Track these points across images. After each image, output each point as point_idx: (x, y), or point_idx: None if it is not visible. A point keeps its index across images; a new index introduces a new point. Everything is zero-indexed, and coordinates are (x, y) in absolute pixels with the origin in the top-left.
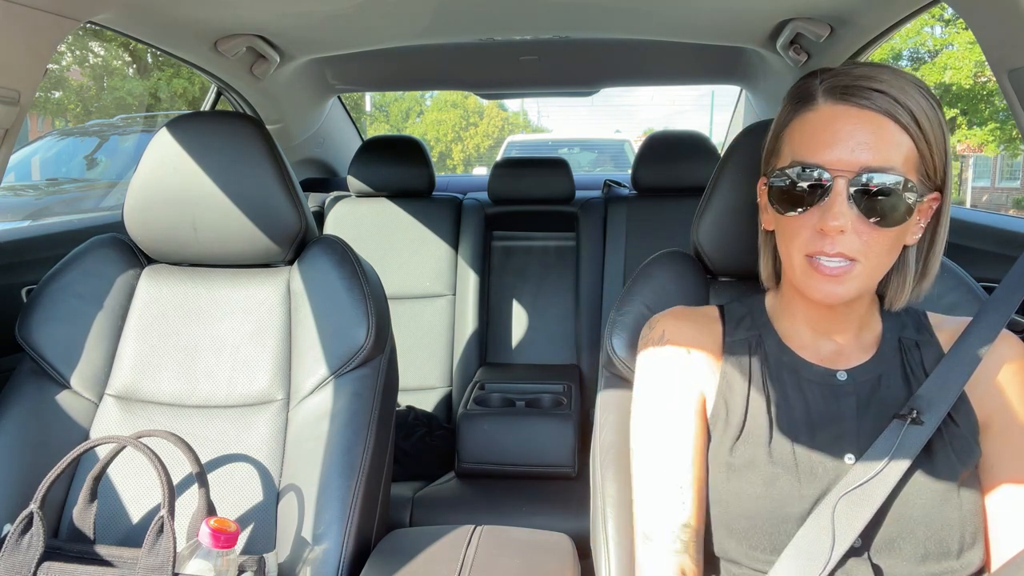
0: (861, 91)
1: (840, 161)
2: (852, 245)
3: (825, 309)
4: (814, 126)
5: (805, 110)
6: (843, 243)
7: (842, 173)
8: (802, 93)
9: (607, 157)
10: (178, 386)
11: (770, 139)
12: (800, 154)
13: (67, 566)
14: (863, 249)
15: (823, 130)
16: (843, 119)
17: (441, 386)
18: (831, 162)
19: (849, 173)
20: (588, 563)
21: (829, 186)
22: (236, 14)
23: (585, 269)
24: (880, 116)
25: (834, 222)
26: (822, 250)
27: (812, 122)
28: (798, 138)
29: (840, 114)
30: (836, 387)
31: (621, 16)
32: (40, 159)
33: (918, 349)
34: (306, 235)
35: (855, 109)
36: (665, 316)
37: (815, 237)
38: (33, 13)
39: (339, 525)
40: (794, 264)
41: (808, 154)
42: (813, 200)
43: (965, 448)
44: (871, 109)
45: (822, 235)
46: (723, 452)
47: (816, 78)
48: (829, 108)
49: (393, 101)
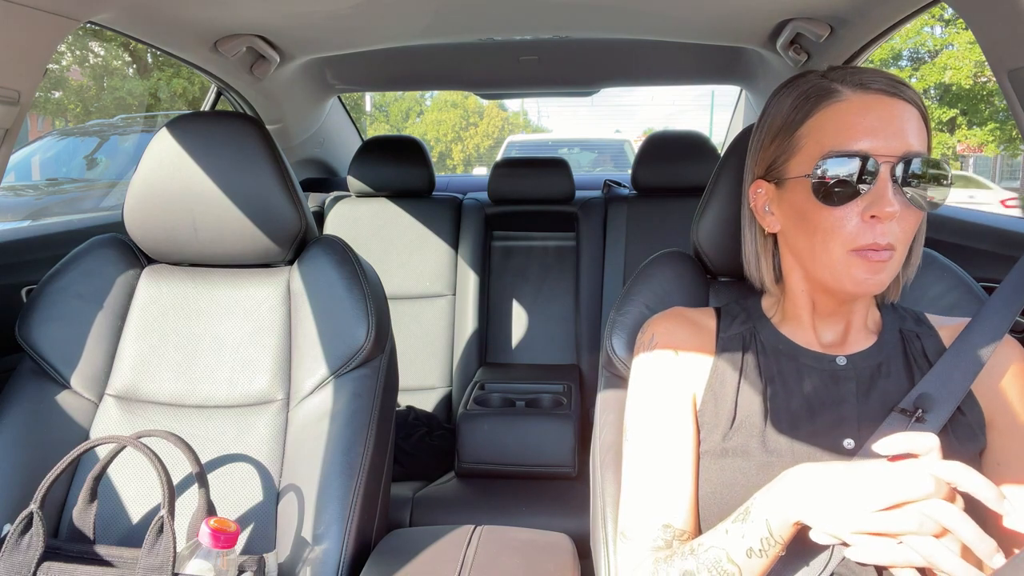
0: (879, 80)
1: (885, 147)
2: (896, 233)
3: (836, 302)
4: (848, 115)
5: (831, 102)
6: (892, 232)
7: (887, 159)
8: (817, 89)
9: (607, 157)
10: (178, 386)
11: (776, 141)
12: (838, 144)
13: (67, 566)
14: (902, 236)
15: (860, 118)
16: (878, 107)
17: (441, 386)
18: (876, 148)
19: (893, 158)
20: (588, 563)
21: (876, 172)
22: (236, 14)
23: (585, 269)
24: (906, 104)
25: (889, 208)
26: (874, 241)
27: (844, 112)
28: (831, 130)
29: (874, 103)
30: (836, 372)
31: (621, 16)
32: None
33: (919, 340)
34: (306, 235)
35: (886, 98)
36: (656, 320)
37: (862, 228)
38: (33, 13)
39: (339, 525)
40: (834, 258)
41: (848, 143)
42: (858, 190)
43: (969, 436)
44: (899, 97)
45: (872, 224)
46: (714, 443)
47: (821, 76)
48: (859, 98)
49: (393, 101)
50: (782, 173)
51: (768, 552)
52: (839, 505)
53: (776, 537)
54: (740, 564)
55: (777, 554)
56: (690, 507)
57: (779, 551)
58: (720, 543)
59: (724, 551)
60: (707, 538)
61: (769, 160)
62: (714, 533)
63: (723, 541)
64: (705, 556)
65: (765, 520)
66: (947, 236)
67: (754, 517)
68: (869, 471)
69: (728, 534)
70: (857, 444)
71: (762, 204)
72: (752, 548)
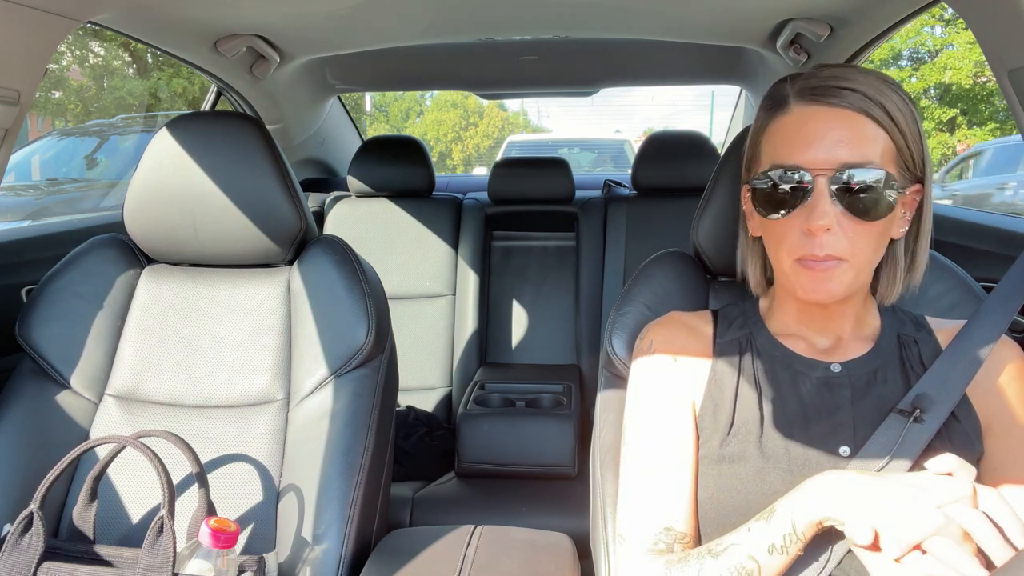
0: (831, 90)
1: (819, 160)
2: (839, 244)
3: (819, 308)
4: (789, 128)
5: (779, 114)
6: (830, 243)
7: (822, 172)
8: (775, 99)
9: (607, 157)
10: (178, 386)
11: (748, 146)
12: (778, 157)
13: (67, 566)
14: (850, 247)
15: (798, 131)
16: (817, 119)
17: (441, 386)
18: (810, 162)
19: (829, 171)
20: (588, 563)
21: (811, 187)
22: (236, 14)
23: (585, 269)
24: (853, 113)
25: (820, 221)
26: (811, 252)
27: (787, 125)
28: (776, 141)
29: (813, 114)
30: (830, 379)
31: (621, 16)
32: (40, 159)
33: (916, 345)
34: (306, 235)
35: (827, 108)
36: (655, 325)
37: (802, 239)
38: (33, 13)
39: (339, 525)
40: (784, 268)
41: (786, 156)
42: (796, 202)
43: (966, 444)
44: (844, 107)
45: (809, 236)
46: (712, 448)
47: (787, 83)
48: (802, 109)
49: (393, 101)
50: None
51: (789, 549)
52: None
53: (799, 534)
54: (761, 561)
55: (797, 552)
56: (691, 511)
57: (799, 549)
58: (742, 540)
59: (745, 548)
60: (728, 537)
61: (747, 165)
62: (736, 532)
63: (745, 538)
64: (724, 554)
65: (791, 518)
66: (947, 236)
67: (779, 515)
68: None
69: (751, 531)
70: (853, 451)
71: (749, 208)
72: (775, 544)
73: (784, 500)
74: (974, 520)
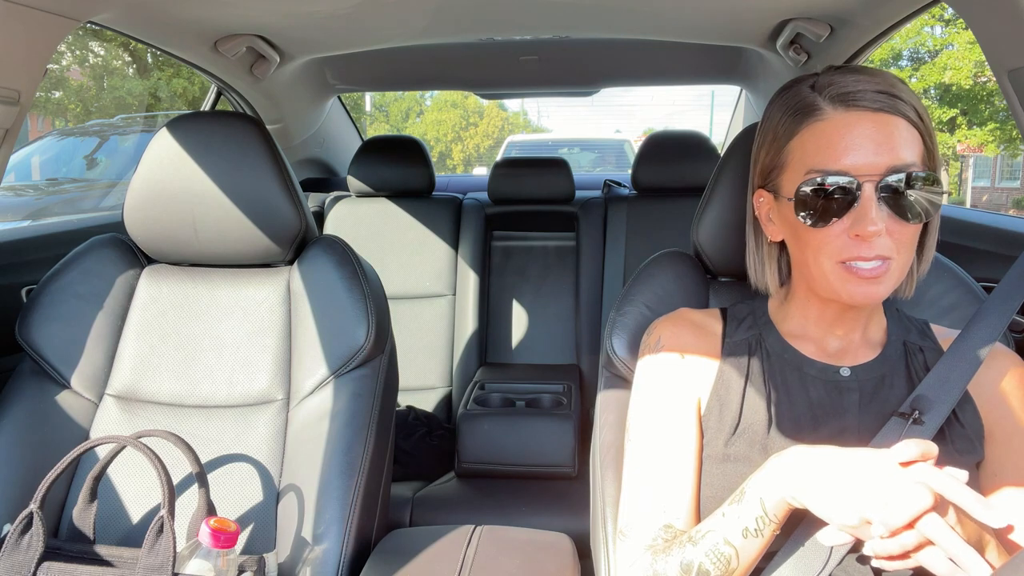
0: (867, 95)
1: (865, 165)
2: (886, 245)
3: (842, 311)
4: (827, 134)
5: (812, 120)
6: (879, 245)
7: (869, 177)
8: (801, 105)
9: (607, 157)
10: (178, 386)
11: (769, 153)
12: (819, 164)
13: (67, 566)
14: (896, 247)
15: (841, 137)
16: (859, 124)
17: (441, 386)
18: (856, 167)
19: (875, 176)
20: (588, 563)
21: (858, 192)
22: (236, 14)
23: (585, 269)
24: (891, 116)
25: (872, 227)
26: (859, 255)
27: (825, 131)
28: (811, 148)
29: (854, 120)
30: (839, 383)
31: (621, 16)
32: (40, 159)
33: (922, 353)
34: (306, 235)
35: (868, 113)
36: (663, 322)
37: (849, 243)
38: (33, 13)
39: (339, 525)
40: (825, 271)
41: (829, 163)
42: (843, 208)
43: (966, 446)
44: (883, 111)
45: (857, 241)
46: (716, 448)
47: (809, 88)
48: (841, 116)
49: (393, 101)
50: (777, 187)
51: (764, 531)
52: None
53: (771, 516)
54: (737, 545)
55: (773, 533)
56: (692, 510)
57: (774, 530)
58: (717, 526)
59: (721, 533)
60: (705, 524)
61: (766, 171)
62: (711, 518)
63: (720, 524)
64: (703, 541)
65: (759, 499)
66: (947, 236)
67: (748, 497)
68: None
69: (725, 516)
70: None
71: (765, 213)
72: (748, 528)
73: (751, 481)
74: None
